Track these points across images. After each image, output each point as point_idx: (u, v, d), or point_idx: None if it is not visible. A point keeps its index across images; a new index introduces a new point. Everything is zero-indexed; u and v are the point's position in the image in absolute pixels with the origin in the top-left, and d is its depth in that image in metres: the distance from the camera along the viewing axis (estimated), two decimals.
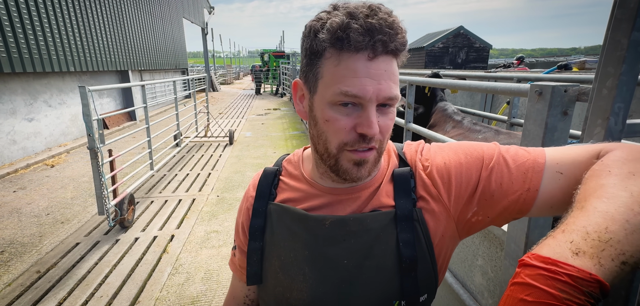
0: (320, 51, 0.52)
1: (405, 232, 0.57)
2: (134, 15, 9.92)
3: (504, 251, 1.15)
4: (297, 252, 0.61)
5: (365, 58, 0.49)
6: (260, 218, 0.66)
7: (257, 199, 0.68)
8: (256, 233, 0.66)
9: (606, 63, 0.76)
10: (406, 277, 0.56)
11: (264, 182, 0.69)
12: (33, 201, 4.00)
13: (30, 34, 5.70)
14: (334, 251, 0.59)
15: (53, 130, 6.55)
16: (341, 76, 0.50)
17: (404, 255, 0.56)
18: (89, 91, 2.72)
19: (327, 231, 0.60)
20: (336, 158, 0.56)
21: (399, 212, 0.58)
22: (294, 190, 0.66)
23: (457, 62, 25.50)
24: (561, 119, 0.92)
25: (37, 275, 2.59)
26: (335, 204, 0.62)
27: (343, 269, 0.58)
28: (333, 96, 0.52)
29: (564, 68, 4.44)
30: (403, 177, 0.61)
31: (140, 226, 3.40)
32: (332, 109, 0.53)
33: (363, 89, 0.50)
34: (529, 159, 0.54)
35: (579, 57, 8.15)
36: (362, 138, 0.53)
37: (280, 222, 0.64)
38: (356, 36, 0.48)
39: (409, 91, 2.06)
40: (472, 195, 0.57)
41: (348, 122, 0.53)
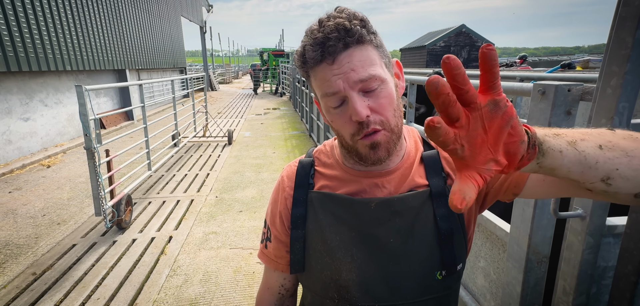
0: (306, 75, 0.63)
1: (441, 207, 0.64)
2: (131, 14, 9.92)
3: (506, 253, 1.15)
4: (344, 235, 0.66)
5: (327, 64, 0.57)
6: (301, 207, 0.70)
7: (296, 188, 0.72)
8: (298, 221, 0.70)
9: (610, 62, 0.76)
10: (445, 248, 0.64)
11: (302, 173, 0.74)
12: (29, 202, 4.00)
13: (25, 32, 5.70)
14: (382, 231, 0.64)
15: (49, 130, 6.55)
16: (319, 85, 0.60)
17: (442, 228, 0.64)
18: (86, 90, 2.72)
19: (373, 212, 0.65)
20: (355, 149, 0.62)
21: (433, 190, 0.65)
22: (330, 178, 0.71)
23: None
24: (565, 119, 0.92)
25: (33, 277, 2.59)
26: (371, 187, 0.68)
27: (390, 247, 0.64)
28: (323, 101, 0.61)
29: (567, 67, 4.44)
30: (432, 159, 0.69)
31: (137, 227, 3.40)
32: (330, 112, 0.62)
33: (335, 85, 0.57)
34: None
35: (582, 55, 8.13)
36: (360, 125, 0.59)
37: (324, 208, 0.68)
38: (311, 54, 0.58)
39: (410, 91, 2.06)
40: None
41: (345, 116, 0.60)
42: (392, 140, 0.62)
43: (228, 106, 13.15)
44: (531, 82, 1.10)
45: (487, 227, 1.31)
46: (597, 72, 1.20)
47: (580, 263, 0.90)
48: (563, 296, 0.97)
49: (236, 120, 9.98)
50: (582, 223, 0.89)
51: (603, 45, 0.84)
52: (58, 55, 6.52)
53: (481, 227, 1.39)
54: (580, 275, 0.91)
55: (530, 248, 1.03)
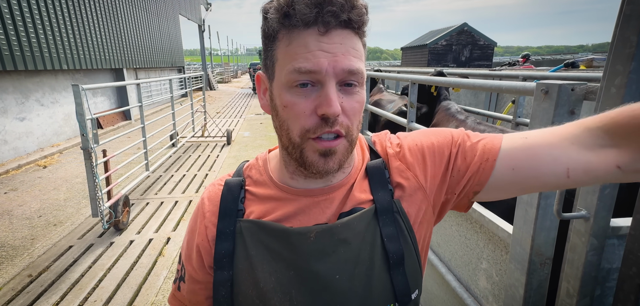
0: (272, 34, 0.50)
1: (388, 226, 0.56)
2: (128, 12, 9.92)
3: (509, 255, 1.15)
4: (280, 274, 0.54)
5: (316, 32, 0.47)
6: (228, 241, 0.57)
7: (221, 218, 0.58)
8: (224, 260, 0.56)
9: (615, 61, 0.76)
10: (395, 274, 0.55)
11: (229, 197, 0.59)
12: (25, 203, 4.00)
13: (21, 31, 5.70)
14: (324, 267, 0.53)
15: (45, 129, 6.55)
16: (293, 54, 0.48)
17: (390, 251, 0.55)
18: (83, 90, 2.72)
19: (314, 245, 0.54)
20: (301, 149, 0.52)
21: (379, 206, 0.56)
22: (262, 199, 0.59)
23: (461, 60, 25.50)
24: (568, 119, 0.92)
25: (29, 279, 2.59)
26: (311, 208, 0.57)
27: (336, 285, 0.53)
28: (288, 76, 0.49)
29: (571, 66, 4.44)
30: (377, 169, 0.60)
31: (135, 228, 3.40)
32: (290, 92, 0.50)
33: (317, 63, 0.47)
34: (488, 135, 0.59)
35: (586, 54, 8.13)
36: (324, 122, 0.49)
37: (256, 242, 0.56)
38: (302, 8, 0.46)
39: (412, 90, 2.06)
40: (445, 172, 0.59)
41: (307, 105, 0.49)
42: (347, 153, 0.54)
43: (227, 106, 13.15)
44: (534, 81, 1.10)
45: (490, 228, 1.31)
46: (601, 71, 1.20)
47: (583, 265, 0.90)
48: (566, 299, 0.97)
49: (235, 119, 9.98)
50: (586, 225, 0.89)
51: (607, 44, 0.84)
52: (54, 54, 6.52)
53: (484, 228, 1.39)
54: (584, 277, 0.91)
55: (533, 250, 1.03)
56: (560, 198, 0.85)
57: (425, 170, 0.59)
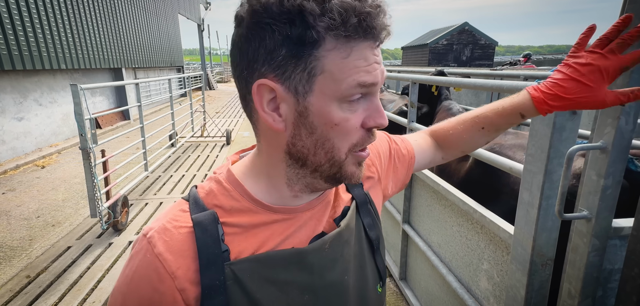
0: (314, 40, 0.41)
1: (367, 216, 0.62)
2: (127, 11, 9.93)
3: (510, 255, 1.15)
4: (293, 304, 0.49)
5: (371, 44, 0.44)
6: (220, 295, 0.45)
7: (205, 269, 0.45)
8: None
9: None
10: (377, 257, 0.62)
11: (207, 240, 0.46)
12: (23, 203, 4.00)
13: (19, 31, 5.70)
14: (335, 274, 0.53)
15: (43, 129, 6.55)
16: (353, 67, 0.43)
17: (372, 237, 0.62)
18: (81, 89, 2.72)
19: (327, 253, 0.52)
20: (341, 166, 0.48)
21: (358, 200, 0.62)
22: (248, 229, 0.49)
23: (462, 60, 25.50)
24: (570, 118, 0.92)
25: (27, 280, 2.59)
26: (309, 221, 0.54)
27: (345, 287, 0.54)
28: (347, 91, 0.44)
29: None
30: None
31: (134, 229, 3.40)
32: (342, 108, 0.45)
33: (376, 76, 0.45)
34: (404, 139, 0.80)
35: None
36: (371, 134, 0.48)
37: (258, 282, 0.47)
38: (370, 21, 0.42)
39: (412, 89, 2.06)
40: (390, 169, 0.73)
41: (357, 120, 0.46)
42: None
43: (226, 105, 13.15)
44: (535, 80, 1.10)
45: (491, 228, 1.31)
46: None
47: (585, 266, 0.90)
48: (568, 300, 0.97)
49: (235, 119, 9.98)
50: (588, 225, 0.89)
51: None
52: (53, 54, 6.52)
53: (485, 228, 1.40)
54: (585, 277, 0.91)
55: (534, 251, 1.03)
56: (562, 198, 0.85)
57: (381, 166, 0.70)
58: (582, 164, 0.95)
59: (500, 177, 1.65)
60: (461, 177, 1.94)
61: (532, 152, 1.01)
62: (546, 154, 0.95)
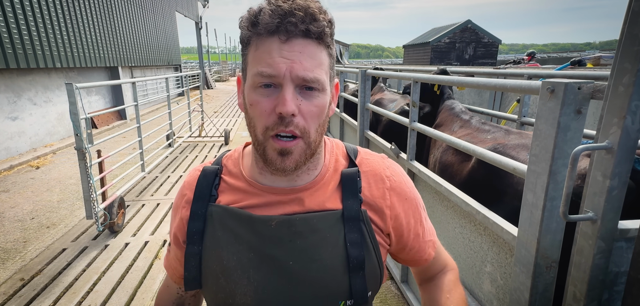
0: (245, 41, 0.58)
1: (353, 232, 0.63)
2: (124, 9, 9.93)
3: (514, 257, 1.15)
4: (242, 255, 0.63)
5: (278, 40, 0.54)
6: (200, 221, 0.66)
7: (195, 201, 0.67)
8: (194, 237, 0.65)
9: (622, 59, 0.76)
10: (354, 277, 0.62)
11: (204, 182, 0.69)
12: (17, 204, 4.00)
13: (13, 28, 5.70)
14: (280, 253, 0.62)
15: (38, 129, 6.55)
16: (259, 58, 0.56)
17: (352, 255, 0.62)
18: (77, 88, 2.72)
19: (274, 231, 0.62)
20: (263, 147, 0.59)
21: (346, 213, 0.64)
22: (234, 190, 0.68)
23: (465, 58, 25.51)
24: (574, 118, 0.92)
25: (21, 283, 2.59)
26: (276, 205, 0.65)
27: (289, 271, 0.61)
28: (253, 78, 0.57)
29: (577, 64, 4.44)
30: (350, 177, 0.67)
31: (130, 231, 3.40)
32: (255, 92, 0.57)
33: (276, 68, 0.54)
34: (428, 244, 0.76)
35: (593, 52, 8.13)
36: (281, 120, 0.55)
37: (223, 225, 0.65)
38: (266, 18, 0.54)
39: (414, 89, 2.06)
40: (401, 244, 0.72)
41: (268, 104, 0.56)
42: (305, 155, 0.60)
43: (225, 105, 13.14)
44: (540, 79, 1.10)
45: (494, 230, 1.31)
46: (609, 69, 1.20)
47: (591, 268, 0.90)
48: (573, 303, 0.97)
49: (233, 119, 9.98)
50: (593, 227, 0.88)
51: (615, 41, 0.84)
52: (47, 52, 6.52)
53: (488, 230, 1.39)
54: (591, 280, 0.91)
55: (538, 253, 1.03)
56: (566, 199, 0.85)
57: (392, 238, 0.70)
58: (587, 165, 0.95)
59: (504, 178, 1.65)
60: (463, 177, 1.94)
61: (536, 152, 1.01)
62: (550, 154, 0.95)
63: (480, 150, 1.48)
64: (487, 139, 1.97)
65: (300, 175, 0.65)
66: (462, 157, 2.03)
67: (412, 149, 2.14)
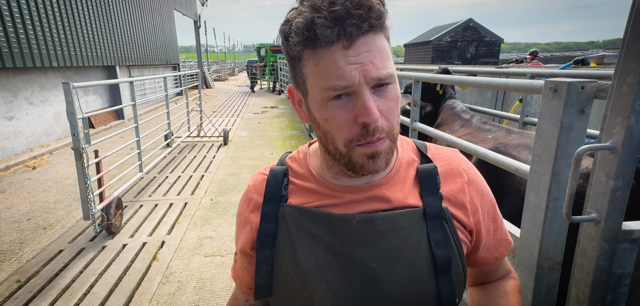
0: (297, 55, 0.54)
1: (436, 231, 0.59)
2: (121, 7, 9.93)
3: (516, 259, 1.14)
4: (319, 257, 0.59)
5: (341, 48, 0.49)
6: (271, 222, 0.64)
7: (266, 202, 0.65)
8: (266, 240, 0.63)
9: (626, 58, 0.76)
10: (442, 280, 0.58)
11: (273, 183, 0.67)
12: (13, 205, 3.99)
13: (9, 27, 5.70)
14: (363, 254, 0.58)
15: (35, 129, 6.54)
16: (324, 73, 0.51)
17: (438, 255, 0.58)
18: (74, 88, 2.72)
19: (355, 231, 0.59)
20: (349, 157, 0.56)
21: (428, 210, 0.60)
22: (304, 191, 0.65)
23: (466, 57, 25.50)
24: (578, 118, 0.91)
25: (17, 285, 2.59)
26: (352, 204, 0.62)
27: (372, 274, 0.57)
28: (323, 94, 0.52)
29: (580, 63, 4.44)
30: (428, 173, 0.64)
31: (128, 232, 3.40)
32: (327, 107, 0.53)
33: (349, 78, 0.50)
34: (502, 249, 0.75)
35: (597, 51, 8.13)
36: (366, 130, 0.52)
37: (297, 226, 0.62)
38: (323, 31, 0.48)
39: (415, 88, 2.06)
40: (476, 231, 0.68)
41: (347, 115, 0.53)
42: (392, 150, 0.58)
43: (223, 104, 13.14)
44: (542, 79, 1.09)
45: None
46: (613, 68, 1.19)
47: (594, 270, 0.90)
48: (576, 305, 0.97)
49: (232, 119, 9.97)
50: (597, 228, 0.88)
51: (619, 40, 0.84)
52: (44, 51, 6.52)
53: None
54: (594, 282, 0.91)
55: (541, 254, 1.03)
56: (569, 200, 0.85)
57: (478, 219, 0.66)
58: (590, 165, 0.95)
59: (505, 178, 1.65)
60: None
61: (539, 152, 1.01)
62: (553, 154, 0.95)
63: (481, 149, 1.48)
64: (487, 138, 1.97)
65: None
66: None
67: None
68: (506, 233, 0.73)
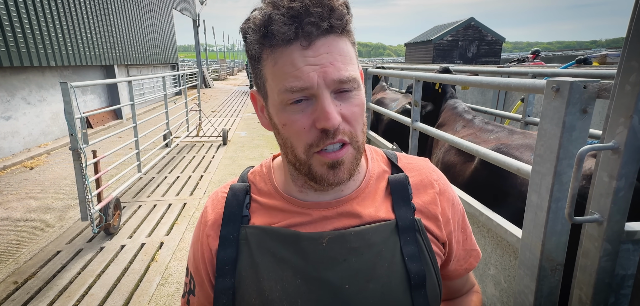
0: (256, 55, 0.51)
1: (410, 244, 0.57)
2: (120, 6, 9.93)
3: (518, 260, 1.14)
4: (287, 283, 0.55)
5: (300, 47, 0.47)
6: (231, 247, 0.58)
7: (225, 224, 0.59)
8: (226, 267, 0.57)
9: (629, 57, 0.76)
10: (417, 296, 0.55)
11: (233, 202, 0.61)
12: (10, 206, 4.00)
13: (6, 26, 5.70)
14: (334, 275, 0.54)
15: (32, 129, 6.55)
16: (281, 73, 0.49)
17: (411, 270, 0.55)
18: (71, 87, 2.72)
19: (325, 250, 0.55)
20: (308, 165, 0.53)
21: (401, 223, 0.58)
22: (268, 209, 0.60)
23: (468, 57, 25.51)
24: (580, 117, 0.91)
25: (15, 286, 2.59)
26: (321, 221, 0.58)
27: (345, 296, 0.54)
28: (280, 96, 0.50)
29: (583, 62, 4.44)
30: (400, 184, 0.61)
31: (126, 232, 3.40)
32: (286, 111, 0.51)
33: (307, 79, 0.47)
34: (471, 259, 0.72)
35: (599, 50, 8.14)
36: (325, 135, 0.50)
37: (261, 249, 0.57)
38: (280, 27, 0.46)
39: (416, 87, 2.06)
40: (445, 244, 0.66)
41: (305, 120, 0.50)
42: (356, 160, 0.54)
43: (223, 104, 13.15)
44: (544, 78, 1.09)
45: (498, 232, 1.31)
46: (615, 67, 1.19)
47: (597, 271, 0.90)
48: None
49: (231, 119, 9.98)
50: (599, 229, 0.88)
51: (622, 39, 0.84)
52: (41, 50, 6.52)
53: (491, 232, 1.39)
54: (597, 283, 0.91)
55: (543, 255, 1.03)
56: (572, 201, 0.85)
57: (450, 233, 0.65)
58: (593, 165, 0.95)
59: (507, 179, 1.65)
60: (466, 178, 1.94)
61: (541, 153, 1.01)
62: (555, 155, 0.95)
63: (483, 150, 1.48)
64: (490, 139, 1.97)
65: (347, 183, 0.59)
66: (464, 157, 2.03)
67: (414, 149, 2.14)
68: (475, 244, 0.71)
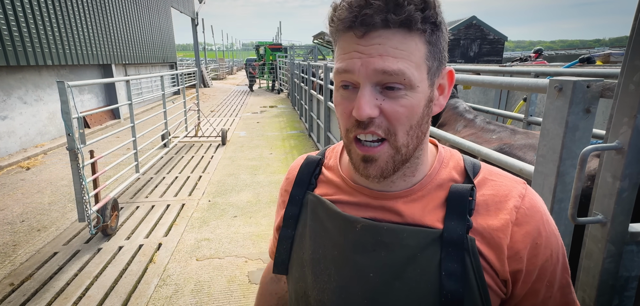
0: (334, 39, 0.56)
1: (452, 262, 0.52)
2: (117, 4, 9.93)
3: None
4: (327, 250, 0.62)
5: (354, 36, 0.50)
6: (296, 206, 0.69)
7: (295, 186, 0.71)
8: (290, 220, 0.69)
9: (634, 56, 0.76)
10: None
11: (305, 170, 0.72)
12: (6, 207, 4.00)
13: (2, 24, 5.70)
14: (362, 260, 0.58)
15: (28, 129, 6.55)
16: (337, 56, 0.54)
17: (446, 287, 0.51)
18: (69, 87, 2.72)
19: (357, 235, 0.59)
20: (349, 150, 0.57)
21: (447, 235, 0.53)
22: (329, 182, 0.69)
23: (469, 55, 25.50)
24: (583, 117, 0.91)
25: (11, 288, 2.59)
26: (364, 207, 0.62)
27: (369, 283, 0.56)
28: (335, 77, 0.55)
29: (586, 61, 4.44)
30: (460, 194, 0.56)
31: (124, 233, 3.40)
32: (338, 92, 0.56)
33: (351, 63, 0.51)
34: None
35: (603, 49, 8.14)
36: (358, 123, 0.52)
37: (315, 215, 0.66)
38: (341, 14, 0.50)
39: None
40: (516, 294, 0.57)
41: (348, 106, 0.53)
42: (394, 162, 0.54)
43: (222, 104, 13.15)
44: (547, 77, 1.09)
45: None
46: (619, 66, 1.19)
47: (600, 273, 0.90)
48: None
49: (230, 118, 9.98)
50: (603, 230, 0.88)
51: (625, 38, 0.84)
52: (38, 49, 6.52)
53: None
54: (600, 285, 0.91)
55: None
56: (575, 201, 0.85)
57: (516, 283, 0.55)
58: (596, 165, 0.95)
59: None
60: None
61: (544, 153, 1.01)
62: (558, 155, 0.95)
63: (485, 150, 1.48)
64: (492, 139, 1.97)
65: (395, 180, 0.59)
66: None
67: None
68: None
